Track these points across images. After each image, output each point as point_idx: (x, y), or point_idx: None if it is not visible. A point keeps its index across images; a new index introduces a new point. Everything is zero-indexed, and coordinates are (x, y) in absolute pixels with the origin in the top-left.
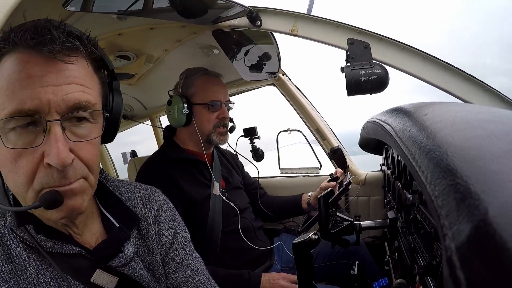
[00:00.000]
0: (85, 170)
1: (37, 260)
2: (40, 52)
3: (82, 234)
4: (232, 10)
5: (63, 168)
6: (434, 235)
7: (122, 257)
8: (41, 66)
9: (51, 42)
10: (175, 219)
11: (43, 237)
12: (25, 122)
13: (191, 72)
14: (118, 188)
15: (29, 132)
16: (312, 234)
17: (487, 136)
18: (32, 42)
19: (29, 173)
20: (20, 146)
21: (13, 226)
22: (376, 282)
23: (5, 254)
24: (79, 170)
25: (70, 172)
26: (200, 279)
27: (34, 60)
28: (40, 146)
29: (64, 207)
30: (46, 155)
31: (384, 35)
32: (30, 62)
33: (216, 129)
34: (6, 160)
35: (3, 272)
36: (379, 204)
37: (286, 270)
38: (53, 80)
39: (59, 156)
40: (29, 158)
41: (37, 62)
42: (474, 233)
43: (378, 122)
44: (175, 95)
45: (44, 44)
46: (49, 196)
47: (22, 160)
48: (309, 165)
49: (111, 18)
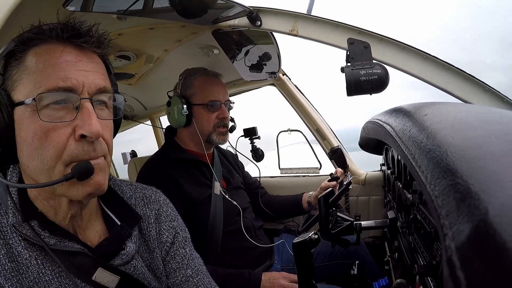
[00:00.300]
0: (106, 149)
1: (38, 258)
2: (73, 43)
3: (86, 230)
4: (232, 10)
5: (96, 137)
6: (434, 235)
7: (124, 255)
8: (75, 55)
9: (85, 35)
10: (176, 219)
11: (47, 233)
12: (59, 98)
13: (190, 72)
14: (120, 187)
15: (61, 109)
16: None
17: (487, 136)
18: (67, 35)
19: (60, 145)
20: (55, 120)
21: (15, 223)
22: (376, 282)
23: (7, 252)
24: (103, 147)
25: (97, 147)
26: (200, 278)
27: (68, 50)
28: (72, 121)
29: (92, 182)
30: (79, 128)
31: (384, 35)
32: (65, 51)
33: (216, 129)
34: (35, 137)
35: (6, 271)
36: (379, 204)
37: (286, 270)
38: (85, 66)
39: (94, 126)
40: (60, 132)
41: (71, 51)
42: (474, 233)
43: (378, 122)
44: (174, 96)
45: (79, 36)
46: (82, 165)
47: (53, 134)
48: (309, 165)
49: (111, 18)
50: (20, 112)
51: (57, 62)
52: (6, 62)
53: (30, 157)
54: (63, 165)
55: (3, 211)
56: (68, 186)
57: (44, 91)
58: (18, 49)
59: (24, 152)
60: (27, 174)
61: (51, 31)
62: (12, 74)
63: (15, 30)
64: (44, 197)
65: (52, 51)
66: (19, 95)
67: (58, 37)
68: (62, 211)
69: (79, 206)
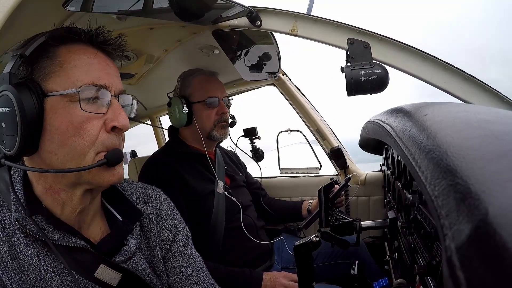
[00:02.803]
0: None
1: (41, 255)
2: (103, 49)
3: (90, 225)
4: (232, 10)
5: (126, 129)
6: (434, 235)
7: (126, 251)
8: (104, 59)
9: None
10: (176, 218)
11: (52, 228)
12: (95, 95)
13: (188, 73)
14: (121, 184)
15: (94, 103)
16: (313, 236)
17: (487, 136)
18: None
19: (94, 134)
20: (90, 111)
21: (19, 217)
22: (376, 282)
23: (10, 250)
24: (123, 142)
25: (122, 140)
26: (200, 277)
27: (100, 54)
28: (104, 115)
29: (116, 172)
30: (111, 121)
31: (384, 35)
32: (98, 55)
33: (217, 125)
34: (70, 125)
35: (8, 268)
36: (379, 204)
37: (287, 270)
38: (112, 70)
39: (125, 120)
40: (94, 123)
41: (102, 56)
42: (474, 233)
43: (378, 123)
44: (174, 97)
45: (109, 44)
46: (115, 152)
47: (88, 124)
48: (309, 165)
49: (111, 18)
50: (54, 102)
51: (92, 63)
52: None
53: (62, 144)
54: (94, 152)
55: (5, 208)
56: (95, 174)
57: (86, 84)
58: (50, 44)
59: (55, 139)
60: (49, 163)
61: (86, 35)
62: (44, 66)
63: (15, 30)
64: (55, 190)
65: (87, 52)
66: (54, 85)
67: (91, 41)
68: (72, 205)
69: (89, 200)
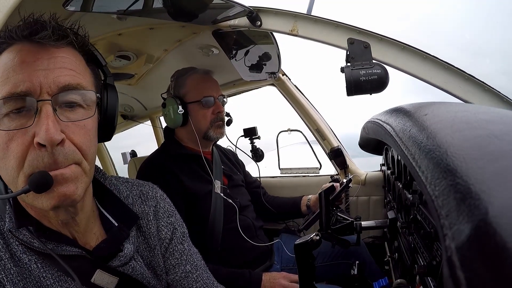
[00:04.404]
0: (78, 155)
1: (38, 262)
2: (32, 41)
3: (84, 233)
4: (232, 10)
5: (51, 145)
6: (434, 235)
7: (122, 256)
8: (33, 53)
9: (42, 29)
10: (173, 215)
11: (43, 239)
12: (18, 106)
13: (181, 72)
14: (116, 187)
15: (21, 116)
16: (314, 235)
17: (487, 136)
18: (25, 32)
19: (19, 155)
20: (12, 128)
21: (12, 228)
22: (376, 282)
23: (12, 256)
24: (70, 155)
25: (60, 156)
26: (199, 273)
27: (26, 48)
28: (31, 127)
29: (56, 194)
30: (36, 135)
31: (384, 35)
32: (23, 50)
33: (213, 124)
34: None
35: (12, 275)
36: (379, 204)
37: (286, 270)
38: (45, 64)
39: (48, 132)
40: (19, 141)
41: (30, 50)
42: (474, 233)
43: (378, 122)
44: (168, 97)
45: (36, 32)
46: (37, 177)
47: (13, 143)
48: (309, 165)
49: (111, 18)
50: None
51: (13, 65)
52: None
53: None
54: (24, 176)
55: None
56: (32, 198)
57: (1, 98)
58: None
59: None
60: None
61: (11, 32)
62: None
63: None
64: (29, 205)
65: (12, 53)
66: None
67: (17, 37)
68: (51, 217)
69: (67, 214)
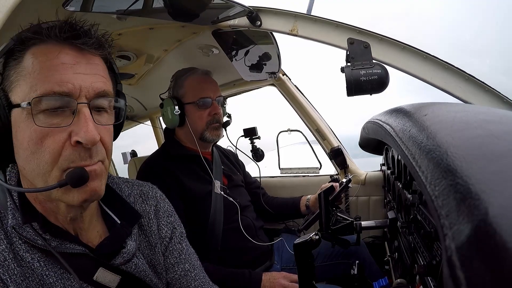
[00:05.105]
0: (104, 153)
1: (41, 261)
2: (72, 44)
3: (87, 231)
4: (232, 10)
5: (92, 144)
6: (434, 235)
7: (125, 253)
8: (73, 56)
9: (84, 36)
10: (173, 215)
11: (48, 235)
12: (57, 105)
13: (180, 73)
14: (118, 185)
15: (58, 114)
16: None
17: (487, 136)
18: (65, 35)
19: (55, 151)
20: (49, 126)
21: (15, 224)
22: (376, 282)
23: (15, 256)
24: (100, 152)
25: (94, 152)
26: (196, 273)
27: (66, 51)
28: (69, 126)
29: (88, 188)
30: (75, 134)
31: (384, 35)
32: (63, 52)
33: (209, 126)
34: (31, 141)
35: (16, 276)
36: (379, 204)
37: (286, 270)
38: (83, 69)
39: (90, 133)
40: (56, 137)
41: (69, 53)
42: (474, 233)
43: (378, 123)
44: (166, 98)
45: (78, 37)
46: (77, 172)
47: (48, 139)
48: (309, 165)
49: (111, 18)
50: (17, 115)
51: (53, 64)
52: (5, 62)
53: (27, 160)
54: (59, 171)
55: (2, 214)
56: (63, 192)
57: (39, 95)
58: (17, 49)
59: (20, 154)
60: (24, 175)
61: (49, 31)
62: (10, 75)
63: (15, 30)
64: (41, 201)
65: (49, 52)
66: (16, 97)
67: (56, 37)
68: (61, 214)
69: (78, 210)
